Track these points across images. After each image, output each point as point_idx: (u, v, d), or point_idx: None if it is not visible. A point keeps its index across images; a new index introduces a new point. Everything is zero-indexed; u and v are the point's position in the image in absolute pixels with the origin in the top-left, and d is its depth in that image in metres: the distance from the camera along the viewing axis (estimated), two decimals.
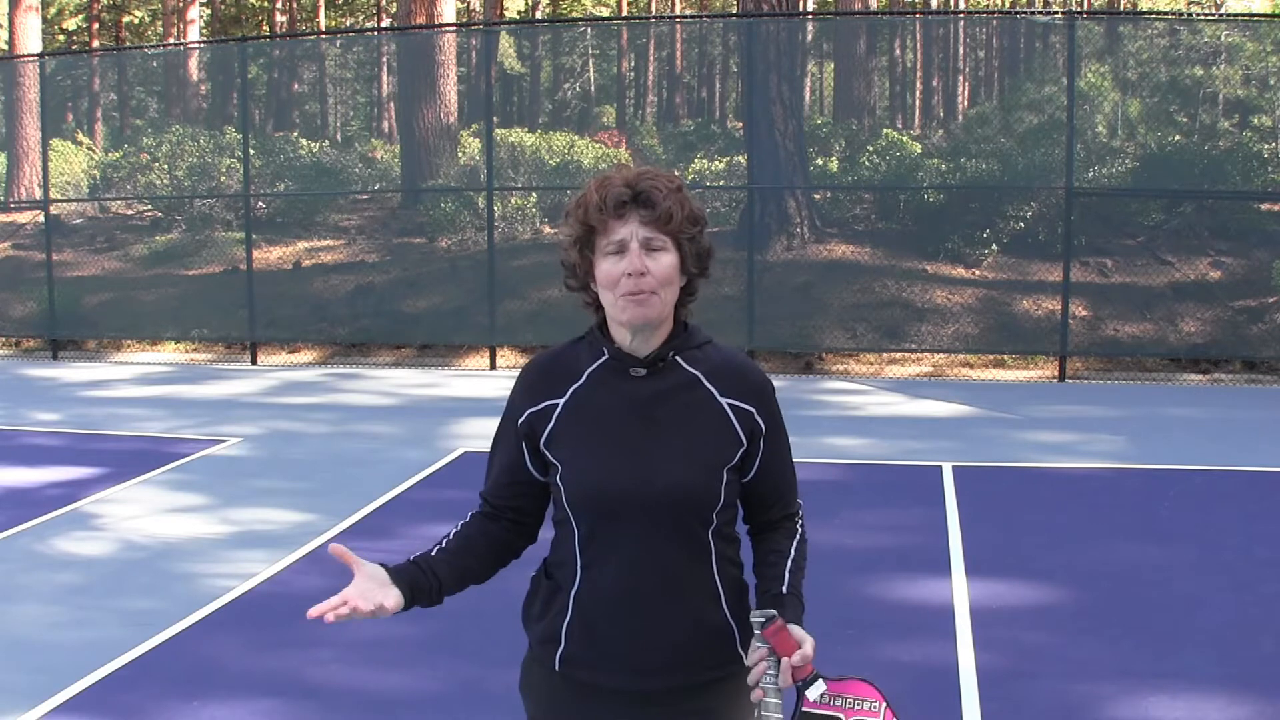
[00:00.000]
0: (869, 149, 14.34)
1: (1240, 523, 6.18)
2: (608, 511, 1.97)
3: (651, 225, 1.93)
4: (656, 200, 1.93)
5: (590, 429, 1.99)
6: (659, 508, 1.96)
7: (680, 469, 1.96)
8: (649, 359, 2.00)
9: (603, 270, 1.95)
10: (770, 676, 1.89)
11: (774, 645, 1.89)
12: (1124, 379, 10.94)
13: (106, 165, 17.01)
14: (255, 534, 6.18)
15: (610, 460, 1.96)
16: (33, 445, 8.41)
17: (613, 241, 1.93)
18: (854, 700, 1.91)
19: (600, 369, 2.01)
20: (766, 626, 1.89)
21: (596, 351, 2.02)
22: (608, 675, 2.02)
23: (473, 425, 8.98)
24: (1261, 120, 13.77)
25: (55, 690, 4.19)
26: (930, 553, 5.70)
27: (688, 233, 1.96)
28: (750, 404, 2.03)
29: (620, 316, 1.96)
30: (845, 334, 11.86)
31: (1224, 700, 4.03)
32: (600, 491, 1.96)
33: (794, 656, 1.88)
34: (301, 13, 36.02)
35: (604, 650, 2.01)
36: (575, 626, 2.02)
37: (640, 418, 1.98)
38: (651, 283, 1.92)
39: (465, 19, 29.32)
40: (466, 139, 16.68)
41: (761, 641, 1.90)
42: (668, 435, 1.98)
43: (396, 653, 4.57)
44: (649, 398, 1.99)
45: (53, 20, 32.83)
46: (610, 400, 1.99)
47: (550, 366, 2.06)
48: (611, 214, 1.93)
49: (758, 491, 2.09)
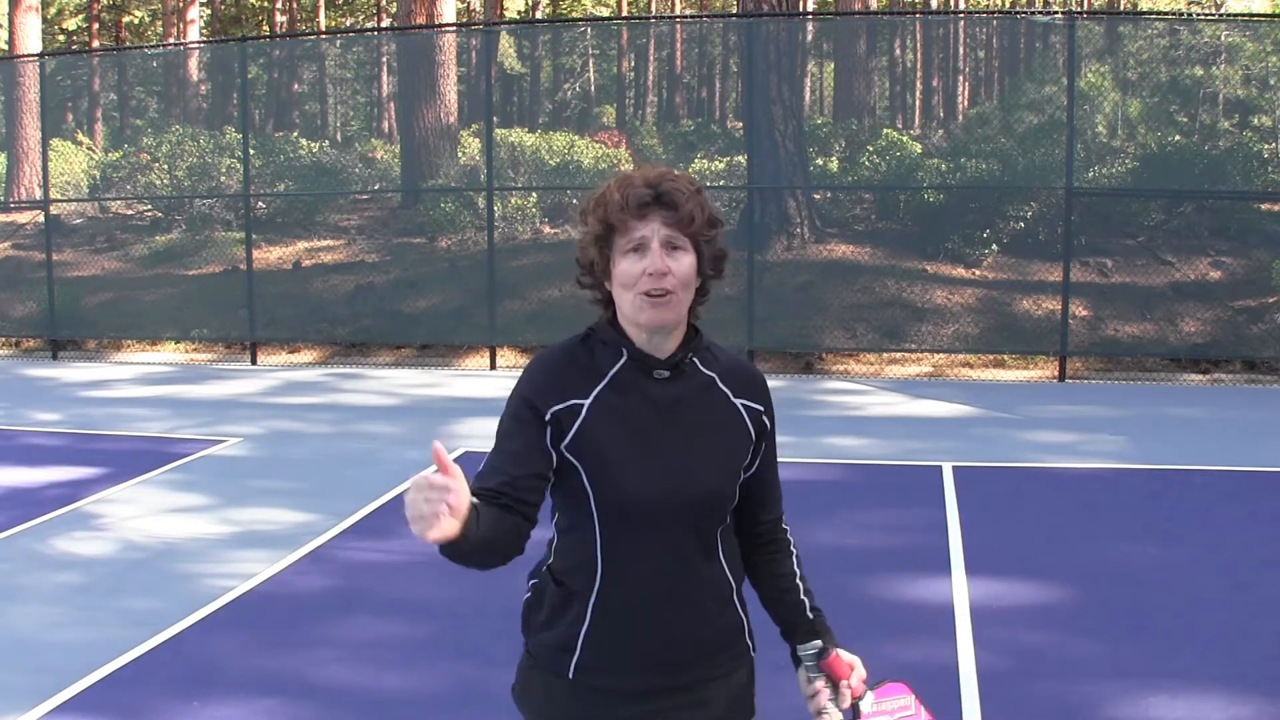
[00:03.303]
0: (869, 149, 14.34)
1: (1240, 523, 6.18)
2: (638, 516, 1.96)
3: (674, 226, 1.93)
4: (679, 202, 1.93)
5: (618, 433, 1.96)
6: (688, 510, 1.98)
7: (710, 473, 2.00)
8: (671, 361, 2.00)
9: (621, 269, 1.94)
10: (832, 703, 1.99)
11: (831, 673, 2.01)
12: (1124, 379, 10.94)
13: (106, 165, 17.01)
14: (255, 534, 6.18)
15: (645, 466, 1.96)
16: (33, 445, 8.41)
17: (633, 240, 1.93)
18: (894, 701, 2.04)
19: (623, 370, 1.99)
20: (822, 658, 2.01)
21: (616, 352, 2.00)
22: (627, 678, 2.01)
23: (473, 425, 8.98)
24: (1261, 120, 13.77)
25: (55, 690, 4.19)
26: (930, 553, 5.70)
27: (706, 235, 1.96)
28: (760, 404, 2.08)
29: (638, 318, 1.95)
30: (845, 334, 11.86)
31: (1224, 700, 4.03)
32: (633, 496, 1.95)
33: (852, 679, 2.00)
34: (301, 13, 36.02)
35: (625, 654, 2.00)
36: (595, 633, 2.00)
37: (668, 422, 1.99)
38: (672, 282, 1.92)
39: (465, 19, 29.32)
40: (466, 139, 16.68)
41: (818, 672, 2.01)
42: (695, 439, 1.99)
43: (396, 653, 4.57)
44: (674, 401, 1.99)
45: (53, 20, 32.83)
46: (638, 403, 1.98)
47: (568, 364, 2.01)
48: (633, 213, 1.92)
49: (753, 499, 2.12)
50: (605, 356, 2.00)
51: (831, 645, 2.04)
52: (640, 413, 1.98)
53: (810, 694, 2.01)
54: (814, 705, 2.00)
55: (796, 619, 2.12)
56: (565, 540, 2.05)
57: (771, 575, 2.15)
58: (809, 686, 2.01)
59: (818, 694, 1.99)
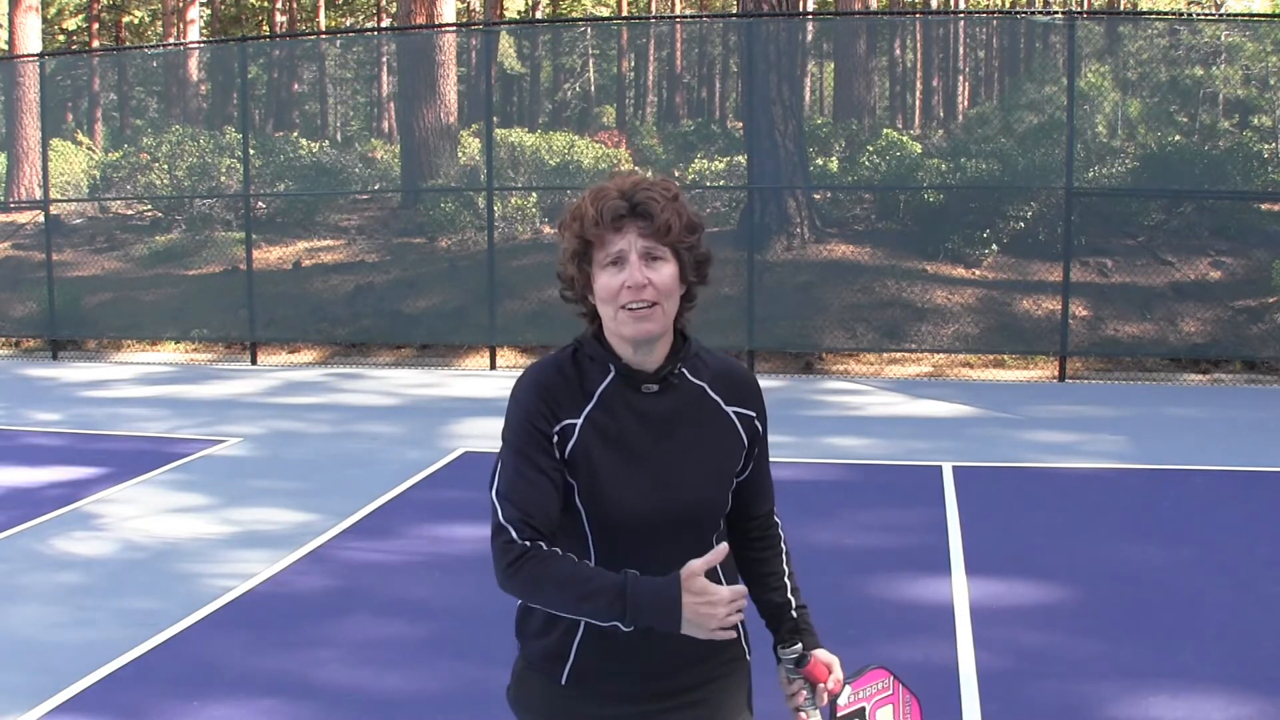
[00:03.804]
0: (869, 149, 14.33)
1: (1240, 523, 6.17)
2: (631, 531, 1.96)
3: (651, 237, 1.90)
4: (654, 212, 1.90)
5: (613, 452, 1.95)
6: (681, 523, 1.97)
7: (704, 485, 2.00)
8: (659, 374, 1.98)
9: (601, 283, 1.92)
10: (809, 702, 2.05)
11: (809, 678, 2.06)
12: (1124, 379, 10.94)
13: (106, 165, 17.00)
14: (255, 534, 6.18)
15: (636, 482, 1.95)
16: (33, 445, 8.41)
17: (610, 254, 1.90)
18: (871, 688, 2.09)
19: (611, 387, 1.97)
20: (801, 665, 2.06)
21: (604, 368, 1.98)
22: (620, 684, 2.01)
23: (473, 425, 8.98)
24: (1261, 120, 13.77)
25: (55, 690, 4.19)
26: (930, 553, 5.70)
27: (686, 242, 1.93)
28: (752, 409, 2.07)
29: (621, 331, 1.93)
30: (845, 334, 11.86)
31: (1224, 700, 4.03)
32: (626, 514, 1.95)
33: (829, 682, 2.05)
34: (301, 13, 36.02)
35: (619, 662, 2.00)
36: (588, 643, 1.99)
37: (660, 436, 1.97)
38: (652, 294, 1.90)
39: (465, 19, 29.32)
40: (466, 139, 16.67)
41: (796, 674, 2.06)
42: (687, 452, 1.98)
43: (396, 653, 4.57)
44: (665, 415, 1.98)
45: (53, 20, 32.83)
46: (628, 420, 1.96)
47: (558, 384, 1.97)
48: (609, 227, 1.89)
49: (746, 499, 2.12)
50: (594, 372, 1.98)
51: (812, 646, 2.09)
52: (630, 429, 1.96)
53: (789, 694, 2.08)
54: (791, 704, 2.07)
55: (781, 617, 2.14)
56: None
57: (761, 574, 2.17)
58: (788, 687, 2.09)
59: (795, 695, 2.07)
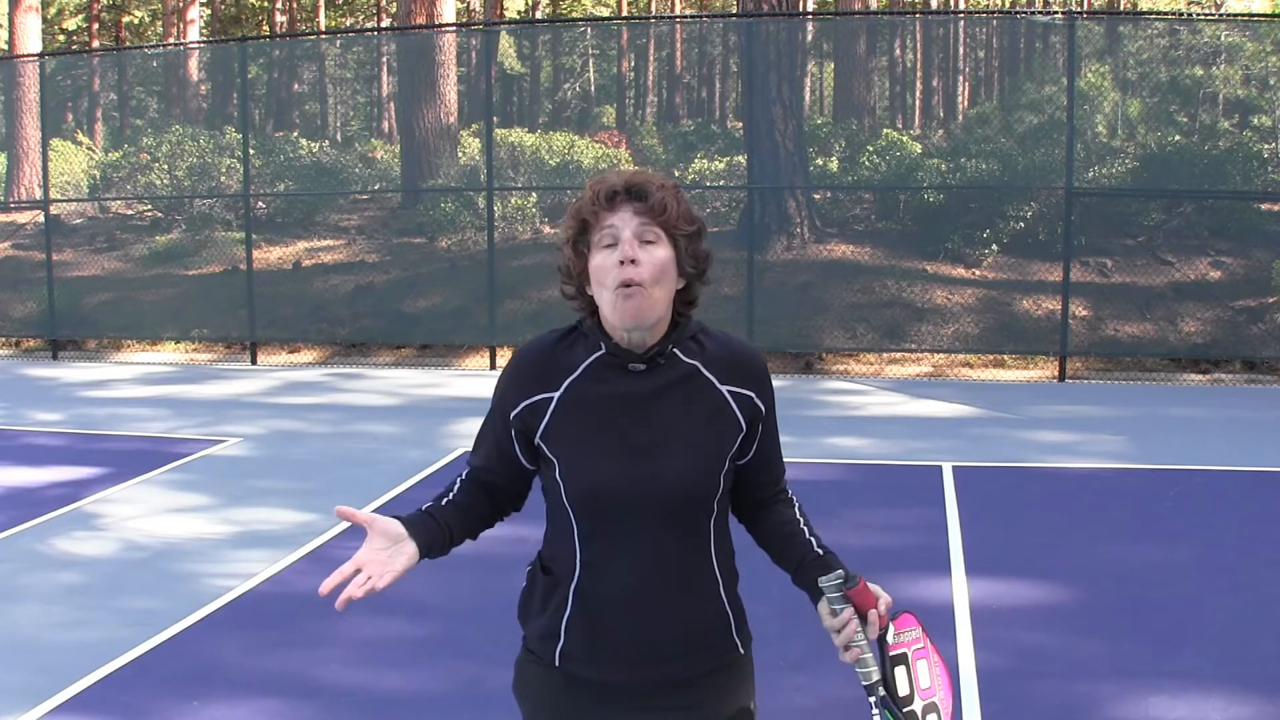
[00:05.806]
0: (869, 149, 14.34)
1: (1240, 523, 6.17)
2: (612, 509, 1.95)
3: (644, 215, 1.91)
4: (649, 192, 1.92)
5: (589, 426, 1.96)
6: (665, 504, 1.95)
7: (686, 464, 1.96)
8: (648, 354, 1.97)
9: (595, 264, 1.93)
10: (860, 633, 1.92)
11: (857, 604, 1.92)
12: (1124, 379, 10.94)
13: (106, 165, 16.99)
14: (255, 534, 6.18)
15: (613, 458, 1.94)
16: (33, 445, 8.41)
17: (605, 232, 1.92)
18: (907, 634, 1.99)
19: (596, 363, 1.98)
20: (849, 587, 1.92)
21: (593, 345, 1.99)
22: (609, 670, 2.01)
23: (473, 425, 8.94)
24: (1261, 120, 13.76)
25: (55, 690, 4.19)
26: (930, 553, 5.70)
27: (683, 230, 1.94)
28: (750, 389, 2.03)
29: (614, 316, 1.93)
30: (845, 334, 11.86)
31: (1224, 700, 4.03)
32: (604, 490, 1.95)
33: (880, 607, 1.93)
34: (301, 13, 36.02)
35: (606, 645, 2.00)
36: (576, 621, 2.00)
37: (641, 413, 1.96)
38: (644, 272, 1.89)
39: (465, 19, 29.32)
40: (466, 139, 16.68)
41: (843, 602, 1.92)
42: (670, 429, 1.96)
43: (396, 653, 4.57)
44: (649, 393, 1.97)
45: (53, 20, 32.83)
46: (608, 395, 1.97)
47: (543, 358, 2.01)
48: (604, 205, 1.92)
49: (753, 471, 2.09)
50: (582, 349, 2.00)
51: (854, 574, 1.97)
52: (611, 405, 1.96)
53: (837, 626, 1.93)
54: (842, 638, 1.92)
55: (802, 555, 2.07)
56: (551, 529, 2.06)
57: (774, 523, 2.12)
58: (835, 619, 1.92)
59: (847, 625, 1.91)
